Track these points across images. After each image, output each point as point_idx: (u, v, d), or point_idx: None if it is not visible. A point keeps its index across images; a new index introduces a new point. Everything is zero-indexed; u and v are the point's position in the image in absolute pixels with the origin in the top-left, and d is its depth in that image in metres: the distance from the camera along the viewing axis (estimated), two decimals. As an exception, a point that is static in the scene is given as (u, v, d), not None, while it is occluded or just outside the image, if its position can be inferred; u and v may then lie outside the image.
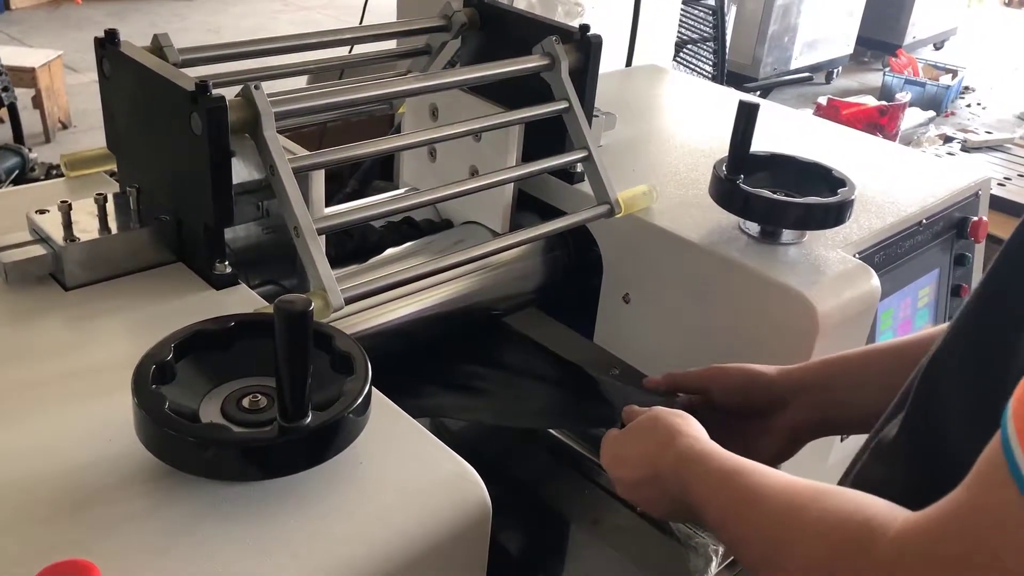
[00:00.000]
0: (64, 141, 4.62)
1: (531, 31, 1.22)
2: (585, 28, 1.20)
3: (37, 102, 4.47)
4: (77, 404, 0.79)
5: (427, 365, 1.23)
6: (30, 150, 3.00)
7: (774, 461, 1.01)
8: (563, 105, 1.18)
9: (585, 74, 1.21)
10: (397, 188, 1.50)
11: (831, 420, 1.00)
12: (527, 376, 1.24)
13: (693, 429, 0.87)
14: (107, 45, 1.01)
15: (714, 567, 1.15)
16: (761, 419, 1.01)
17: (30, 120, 4.35)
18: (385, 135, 1.47)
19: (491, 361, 1.27)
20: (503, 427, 1.24)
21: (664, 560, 1.20)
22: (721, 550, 1.17)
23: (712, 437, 0.87)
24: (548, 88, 1.19)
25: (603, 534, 1.30)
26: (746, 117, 1.15)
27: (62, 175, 1.21)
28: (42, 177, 2.83)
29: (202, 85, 0.87)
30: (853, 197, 1.15)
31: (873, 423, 0.82)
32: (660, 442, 0.87)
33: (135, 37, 1.04)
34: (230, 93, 0.92)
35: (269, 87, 0.96)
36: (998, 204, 4.10)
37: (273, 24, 6.95)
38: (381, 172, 1.60)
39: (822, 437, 1.04)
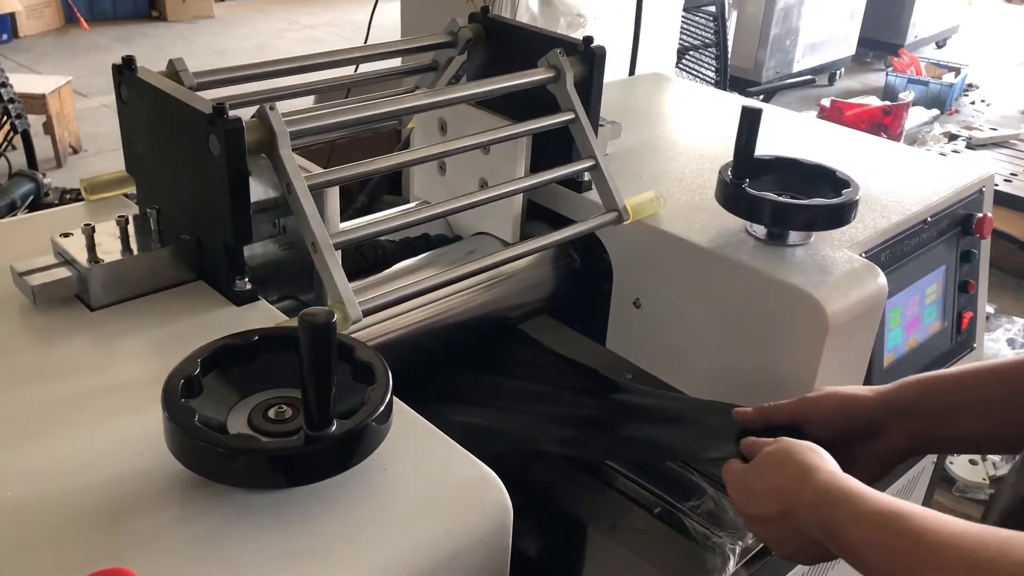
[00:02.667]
0: (76, 165, 4.67)
1: (535, 44, 1.25)
2: (588, 40, 1.23)
3: (48, 128, 4.53)
4: (108, 420, 0.81)
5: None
6: (44, 175, 3.04)
7: (872, 483, 0.96)
8: (569, 116, 1.20)
9: (590, 85, 1.23)
10: (406, 202, 1.53)
11: (928, 443, 0.98)
12: (627, 410, 1.19)
13: (828, 464, 0.84)
14: (124, 71, 1.04)
15: (732, 565, 1.17)
16: (858, 444, 0.98)
17: (42, 146, 4.40)
18: (392, 150, 1.50)
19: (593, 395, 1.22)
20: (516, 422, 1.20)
21: (682, 561, 1.22)
22: (738, 548, 1.18)
23: None
24: (554, 100, 1.22)
25: (621, 537, 1.32)
26: (749, 122, 1.17)
27: (76, 199, 1.24)
28: (56, 202, 2.87)
29: (219, 107, 0.90)
30: (857, 197, 1.16)
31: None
32: (794, 477, 0.84)
33: (142, 61, 1.06)
34: (243, 114, 0.95)
35: (279, 107, 0.98)
36: (1005, 200, 4.12)
37: (278, 43, 7.01)
38: (389, 187, 1.63)
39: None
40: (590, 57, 1.22)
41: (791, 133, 1.62)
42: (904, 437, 0.97)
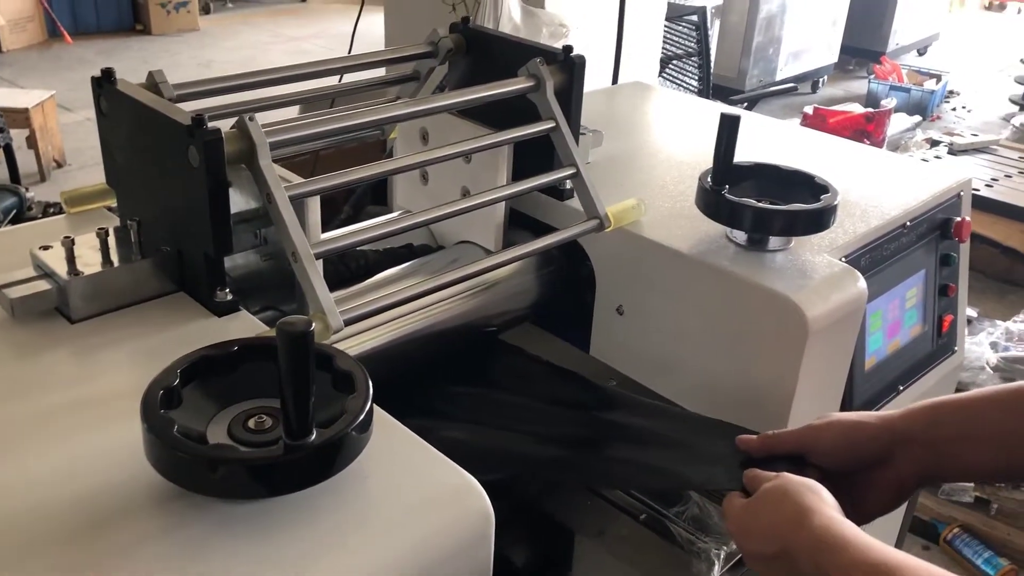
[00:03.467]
0: (59, 179, 4.66)
1: (516, 54, 1.26)
2: (568, 49, 1.23)
3: (31, 142, 4.51)
4: (87, 432, 0.81)
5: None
6: (27, 189, 3.03)
7: (882, 514, 0.98)
8: (550, 124, 1.21)
9: (570, 93, 1.24)
10: (391, 212, 1.53)
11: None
12: (624, 432, 1.15)
13: (826, 506, 0.82)
14: (104, 84, 1.04)
15: (717, 571, 1.17)
16: (866, 472, 0.96)
17: (25, 160, 4.39)
18: (377, 159, 1.50)
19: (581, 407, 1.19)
20: (511, 442, 1.19)
21: (668, 566, 1.22)
22: (723, 554, 1.19)
23: None
24: (535, 108, 1.22)
25: (608, 545, 1.32)
26: (728, 128, 1.18)
27: (59, 213, 1.24)
28: (39, 216, 2.86)
29: (198, 119, 0.90)
30: (836, 202, 1.17)
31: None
32: (791, 519, 0.82)
33: (128, 74, 1.07)
34: (225, 125, 0.95)
35: (262, 118, 0.99)
36: (986, 205, 4.16)
37: (264, 56, 7.01)
38: (374, 197, 1.63)
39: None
40: (570, 66, 1.23)
41: (773, 140, 1.63)
42: (912, 466, 0.94)
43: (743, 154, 1.21)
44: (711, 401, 1.17)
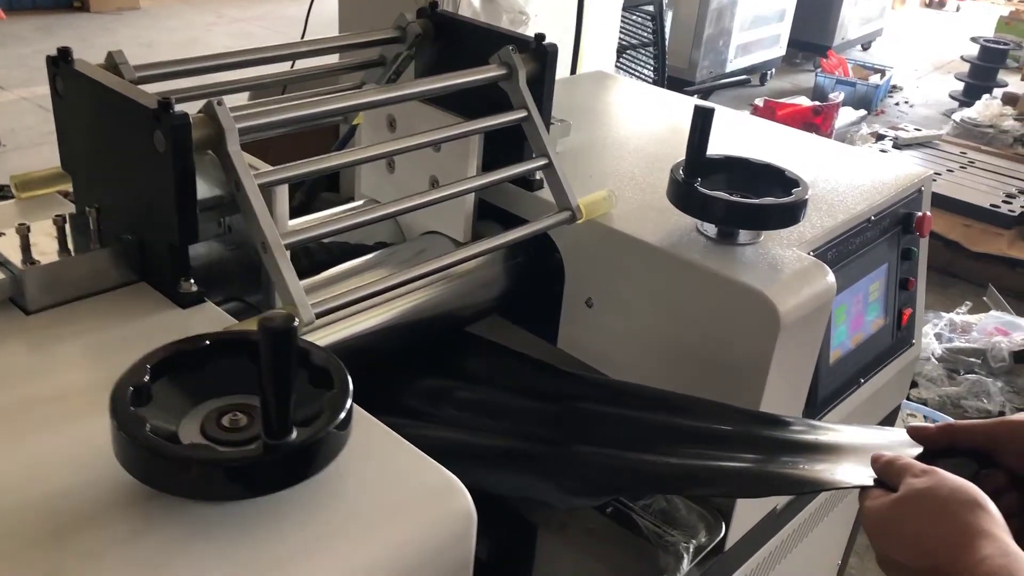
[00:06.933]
0: (-6, 160, 4.50)
1: (485, 41, 1.23)
2: (541, 37, 1.21)
3: (-36, 122, 4.35)
4: (47, 430, 0.77)
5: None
6: (-38, 171, 2.91)
7: None
8: (522, 114, 1.19)
9: (542, 82, 1.22)
10: (344, 200, 1.49)
11: None
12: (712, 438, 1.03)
13: (998, 528, 0.69)
14: (60, 63, 0.99)
15: (685, 565, 1.17)
16: None
17: (-44, 140, 4.23)
18: (329, 146, 1.47)
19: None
20: (477, 436, 1.17)
21: (635, 560, 1.22)
22: (692, 547, 1.19)
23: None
24: (505, 97, 1.20)
25: (572, 537, 1.32)
26: (703, 121, 1.17)
27: (5, 198, 1.18)
28: (-23, 199, 2.74)
29: (165, 102, 0.86)
30: (807, 197, 1.18)
31: None
32: (953, 538, 0.70)
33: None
34: (189, 110, 0.92)
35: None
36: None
37: (207, 37, 6.84)
38: (328, 184, 1.59)
39: None
40: (542, 54, 1.21)
41: (736, 132, 1.64)
42: None
43: (710, 145, 1.20)
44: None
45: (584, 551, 1.31)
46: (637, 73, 3.92)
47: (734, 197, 1.18)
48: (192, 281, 0.96)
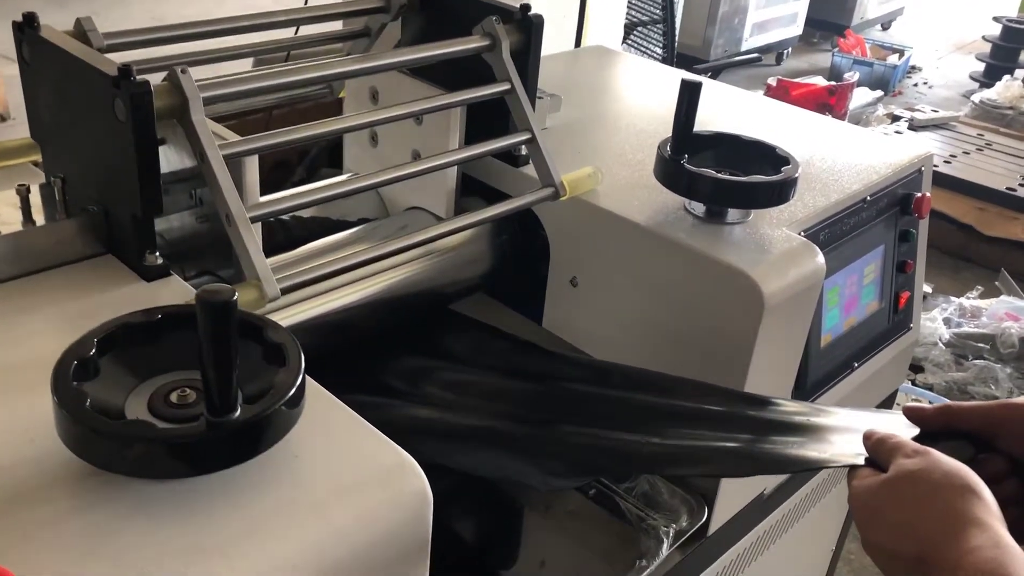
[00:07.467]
0: (4, 134, 4.49)
1: (472, 12, 1.20)
2: (526, 8, 1.18)
3: (-27, 94, 4.35)
4: (0, 403, 0.76)
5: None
6: (-36, 143, 2.91)
7: None
8: (505, 86, 1.16)
9: (527, 55, 1.19)
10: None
11: None
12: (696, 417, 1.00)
13: (992, 517, 0.65)
14: (26, 29, 0.97)
15: (665, 548, 1.15)
16: None
17: (-34, 112, 4.23)
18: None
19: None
20: (459, 416, 1.15)
21: (616, 542, 1.20)
22: (672, 531, 1.17)
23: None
24: (490, 70, 1.17)
25: (556, 519, 1.30)
26: (689, 96, 1.14)
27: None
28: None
29: (124, 70, 0.84)
30: (797, 175, 1.14)
31: None
32: (942, 525, 0.66)
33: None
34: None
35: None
36: (944, 181, 4.18)
37: (219, 11, 6.78)
38: (330, 160, 1.57)
39: None
40: (527, 26, 1.18)
41: (736, 110, 1.60)
42: None
43: (706, 123, 1.17)
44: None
45: (567, 533, 1.30)
46: (647, 51, 3.87)
47: (722, 175, 1.15)
48: (157, 254, 0.94)
